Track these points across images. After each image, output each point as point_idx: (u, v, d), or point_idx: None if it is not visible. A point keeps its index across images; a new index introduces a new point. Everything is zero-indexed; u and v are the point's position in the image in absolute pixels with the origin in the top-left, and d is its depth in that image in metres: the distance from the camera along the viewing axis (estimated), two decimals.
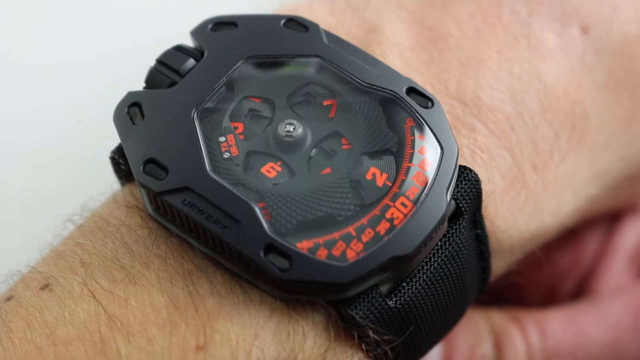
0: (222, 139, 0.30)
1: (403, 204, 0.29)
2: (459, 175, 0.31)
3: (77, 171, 0.38)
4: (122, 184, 0.32)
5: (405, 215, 0.29)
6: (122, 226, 0.30)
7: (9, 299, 0.29)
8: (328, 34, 0.32)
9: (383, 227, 0.28)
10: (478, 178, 0.31)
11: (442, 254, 0.30)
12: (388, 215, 0.29)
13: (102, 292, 0.28)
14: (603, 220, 0.41)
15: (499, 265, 0.34)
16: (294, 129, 0.30)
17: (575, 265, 0.40)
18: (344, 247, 0.28)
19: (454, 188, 0.30)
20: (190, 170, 0.29)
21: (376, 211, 0.29)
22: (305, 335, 0.29)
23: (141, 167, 0.29)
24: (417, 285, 0.30)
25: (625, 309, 0.38)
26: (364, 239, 0.28)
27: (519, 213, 0.33)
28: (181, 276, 0.29)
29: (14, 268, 0.30)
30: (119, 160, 0.31)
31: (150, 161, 0.29)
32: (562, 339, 0.37)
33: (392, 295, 0.29)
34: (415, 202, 0.29)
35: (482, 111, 0.33)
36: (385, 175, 0.29)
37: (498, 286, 0.37)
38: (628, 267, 0.40)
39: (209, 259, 0.29)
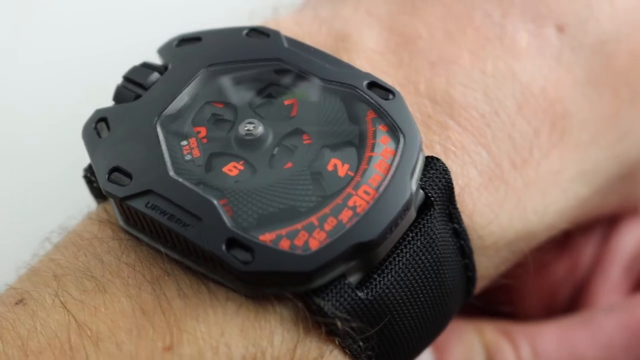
0: (184, 142, 0.30)
1: (366, 192, 0.28)
2: (426, 165, 0.30)
3: (59, 189, 0.39)
4: (98, 202, 0.32)
5: (368, 203, 0.28)
6: (94, 239, 0.30)
7: None
8: (289, 39, 0.32)
9: (346, 215, 0.28)
10: (446, 168, 0.31)
11: (413, 244, 0.30)
12: (350, 203, 0.28)
13: (73, 302, 0.29)
14: (600, 224, 0.40)
15: (485, 265, 0.33)
16: (254, 127, 0.30)
17: (572, 272, 0.39)
18: (307, 236, 0.28)
19: (422, 177, 0.30)
20: (153, 174, 0.29)
21: (338, 200, 0.28)
22: (273, 330, 0.28)
23: (106, 176, 0.29)
24: (389, 276, 0.29)
25: (618, 327, 0.36)
26: (327, 227, 0.28)
27: (499, 209, 0.32)
28: (149, 282, 0.29)
29: None
30: (91, 178, 0.31)
31: (115, 169, 0.29)
32: (553, 356, 0.36)
33: (363, 287, 0.29)
34: (377, 189, 0.28)
35: (455, 109, 0.32)
36: (347, 166, 0.29)
37: (494, 292, 0.36)
38: (624, 276, 0.39)
39: (177, 263, 0.29)
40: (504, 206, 0.32)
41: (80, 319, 0.28)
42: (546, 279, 0.39)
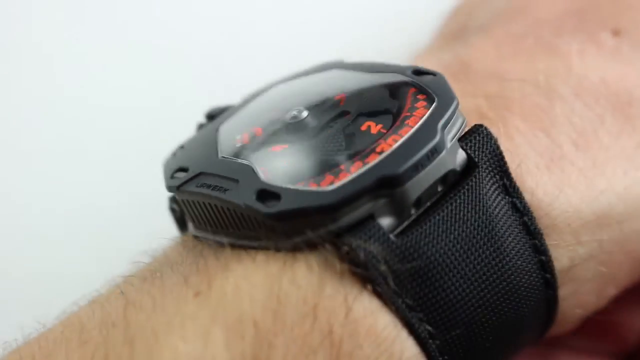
0: (237, 136, 0.32)
1: (394, 139, 0.29)
2: (471, 132, 0.30)
3: None
4: (182, 233, 0.34)
5: (392, 146, 0.28)
6: (168, 249, 0.32)
7: None
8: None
9: (372, 158, 0.28)
10: (491, 133, 0.30)
11: (456, 199, 0.29)
12: (378, 149, 0.29)
13: (133, 290, 0.30)
14: None
15: (567, 255, 0.31)
16: (298, 111, 0.31)
17: None
18: (333, 178, 0.28)
19: (465, 141, 0.30)
20: (205, 161, 0.31)
21: (367, 150, 0.29)
22: (301, 275, 0.28)
23: (170, 175, 0.32)
24: (427, 225, 0.28)
25: None
26: (353, 169, 0.28)
27: (568, 188, 0.31)
28: (194, 255, 0.30)
29: None
30: (174, 207, 0.34)
31: (178, 170, 0.32)
32: None
33: (396, 233, 0.28)
34: (404, 136, 0.29)
35: (509, 102, 0.33)
36: (380, 125, 0.30)
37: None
38: None
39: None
40: (572, 184, 0.31)
41: (130, 297, 0.29)
42: None
